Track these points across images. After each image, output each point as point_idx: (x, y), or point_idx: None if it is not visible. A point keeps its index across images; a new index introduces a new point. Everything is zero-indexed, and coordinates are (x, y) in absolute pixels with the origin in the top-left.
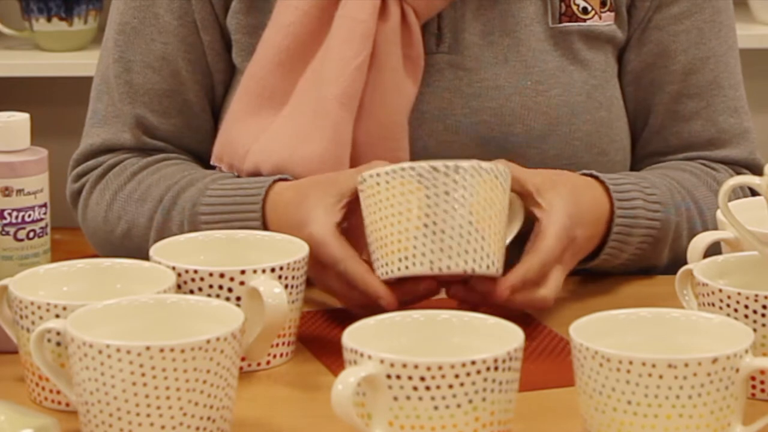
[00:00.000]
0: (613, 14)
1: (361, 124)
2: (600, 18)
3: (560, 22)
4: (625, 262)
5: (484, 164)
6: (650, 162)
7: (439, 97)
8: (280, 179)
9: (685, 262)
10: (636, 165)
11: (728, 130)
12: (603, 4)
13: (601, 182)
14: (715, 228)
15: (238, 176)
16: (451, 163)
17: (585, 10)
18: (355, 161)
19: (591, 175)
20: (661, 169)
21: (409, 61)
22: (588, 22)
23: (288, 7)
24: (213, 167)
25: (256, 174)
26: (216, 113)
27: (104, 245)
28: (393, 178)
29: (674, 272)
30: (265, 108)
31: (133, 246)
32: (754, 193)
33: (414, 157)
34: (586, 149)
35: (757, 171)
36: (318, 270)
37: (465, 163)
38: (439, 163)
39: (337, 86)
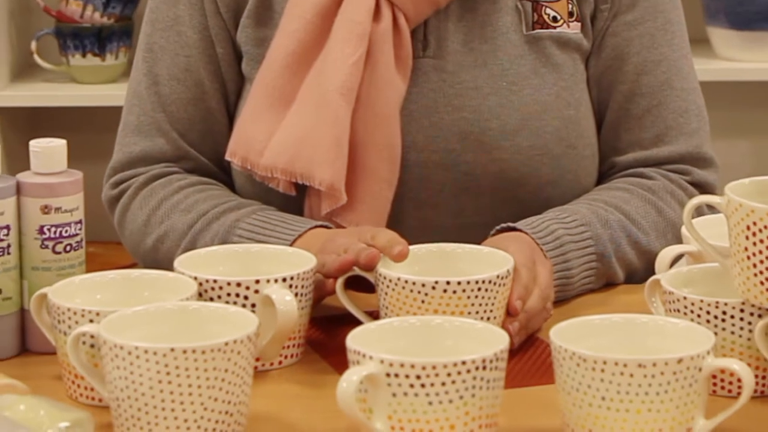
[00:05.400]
0: (579, 24)
1: (358, 114)
2: (568, 26)
3: (533, 29)
4: (582, 286)
5: (501, 272)
6: (607, 162)
7: (425, 96)
8: (318, 226)
9: (638, 266)
10: (600, 163)
11: (675, 128)
12: (570, 14)
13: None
14: (655, 231)
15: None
16: (479, 278)
17: (555, 19)
18: (353, 147)
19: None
20: (594, 193)
21: (399, 61)
22: (558, 29)
23: (293, 17)
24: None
25: (272, 168)
26: (230, 119)
27: (137, 247)
28: (427, 291)
29: (635, 281)
30: (275, 107)
31: (163, 249)
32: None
33: (404, 150)
34: (556, 142)
35: (701, 163)
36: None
37: (491, 275)
38: (471, 280)
39: (337, 79)
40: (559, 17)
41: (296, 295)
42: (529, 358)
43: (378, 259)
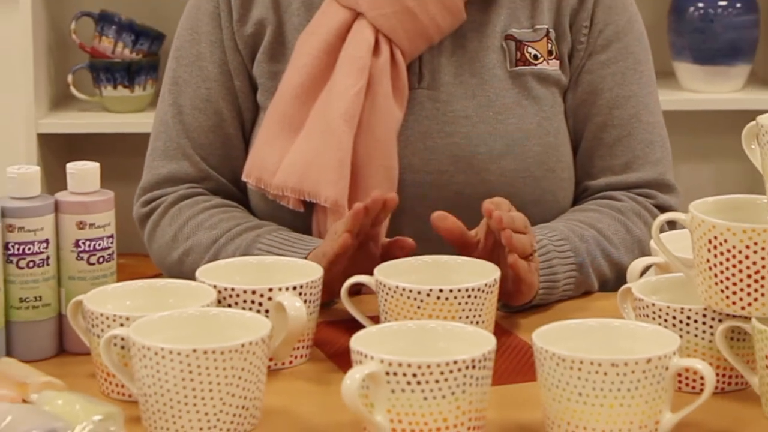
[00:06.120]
0: (558, 62)
1: (360, 139)
2: (548, 64)
3: (516, 66)
4: (563, 293)
5: (489, 281)
6: (581, 186)
7: (420, 123)
8: None
9: (610, 277)
10: (575, 187)
11: (642, 157)
12: (550, 53)
13: None
14: (624, 247)
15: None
16: (469, 286)
17: (536, 57)
18: (355, 168)
19: None
20: (569, 214)
21: (396, 91)
22: (539, 66)
23: (302, 53)
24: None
25: (283, 187)
26: (246, 144)
27: (164, 260)
28: (422, 298)
29: (610, 289)
30: (286, 132)
31: (188, 262)
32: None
33: (402, 171)
34: (537, 166)
35: (664, 189)
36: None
37: (479, 284)
38: (461, 288)
39: (341, 108)
40: (539, 55)
41: (305, 301)
42: (513, 357)
43: (380, 202)
